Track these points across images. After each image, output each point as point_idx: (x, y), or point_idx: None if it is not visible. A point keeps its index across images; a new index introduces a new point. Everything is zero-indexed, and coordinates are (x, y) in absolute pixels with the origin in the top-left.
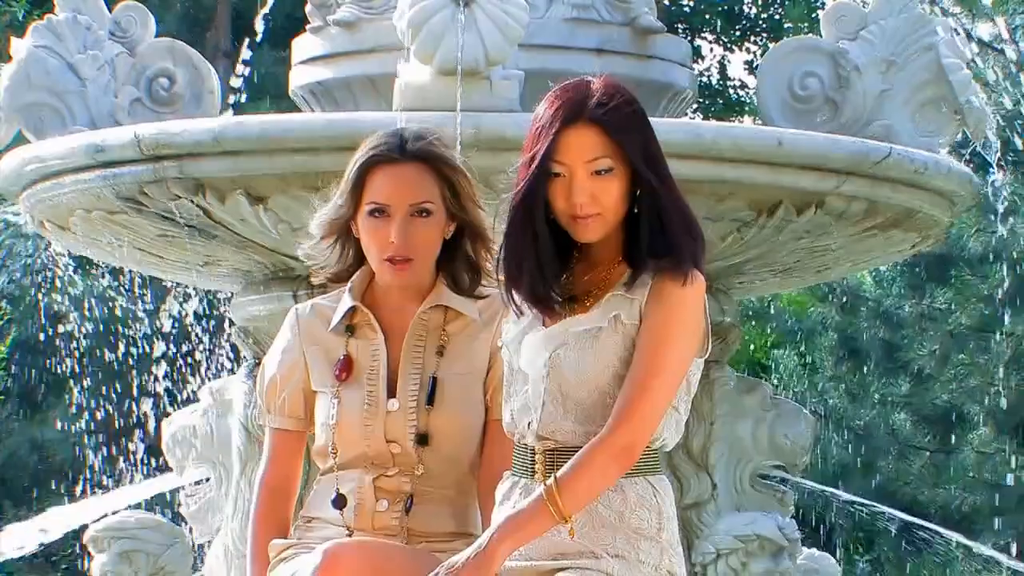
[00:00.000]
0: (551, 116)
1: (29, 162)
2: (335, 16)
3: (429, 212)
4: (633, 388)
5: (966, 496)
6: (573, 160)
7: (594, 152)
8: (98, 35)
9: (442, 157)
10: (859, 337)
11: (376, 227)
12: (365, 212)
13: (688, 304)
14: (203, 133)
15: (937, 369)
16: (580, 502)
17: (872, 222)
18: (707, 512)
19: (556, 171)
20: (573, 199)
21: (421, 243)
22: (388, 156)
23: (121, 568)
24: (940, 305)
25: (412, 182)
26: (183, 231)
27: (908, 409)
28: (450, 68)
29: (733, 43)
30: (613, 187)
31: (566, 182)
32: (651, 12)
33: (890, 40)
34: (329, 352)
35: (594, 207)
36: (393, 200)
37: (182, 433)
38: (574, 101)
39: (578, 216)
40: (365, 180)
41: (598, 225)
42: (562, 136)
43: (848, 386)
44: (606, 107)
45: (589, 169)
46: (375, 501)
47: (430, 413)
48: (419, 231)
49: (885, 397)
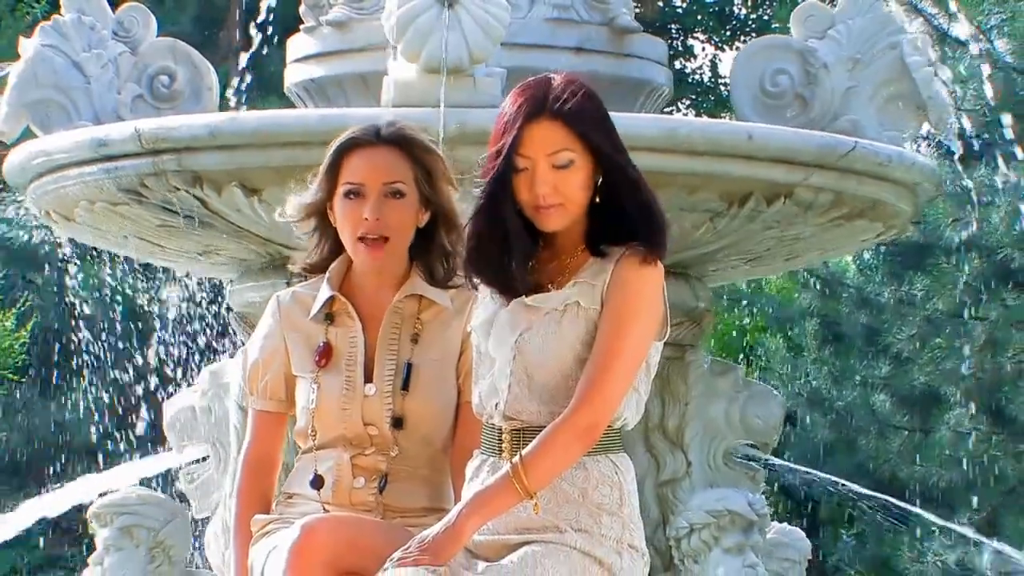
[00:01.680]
0: (515, 112)
1: (35, 155)
2: (327, 16)
3: (402, 193)
4: (595, 370)
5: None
6: (536, 153)
7: (555, 145)
8: (102, 35)
9: (416, 140)
10: (841, 322)
11: (351, 207)
12: (340, 194)
13: (647, 289)
14: (200, 128)
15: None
16: (544, 479)
17: (839, 212)
18: (682, 488)
19: (520, 165)
20: (536, 190)
21: (395, 223)
22: (364, 140)
23: (123, 542)
24: (918, 291)
25: (386, 163)
26: (182, 221)
27: (888, 390)
28: (435, 66)
29: (724, 42)
30: (574, 178)
31: (529, 174)
32: (628, 13)
33: (856, 39)
34: (309, 339)
35: (556, 197)
36: (367, 180)
37: (182, 414)
38: (536, 97)
39: (541, 206)
40: (341, 163)
41: (560, 215)
42: (525, 131)
43: (831, 369)
44: (567, 102)
45: (551, 162)
46: (352, 478)
47: (405, 397)
48: (393, 211)
49: (866, 379)
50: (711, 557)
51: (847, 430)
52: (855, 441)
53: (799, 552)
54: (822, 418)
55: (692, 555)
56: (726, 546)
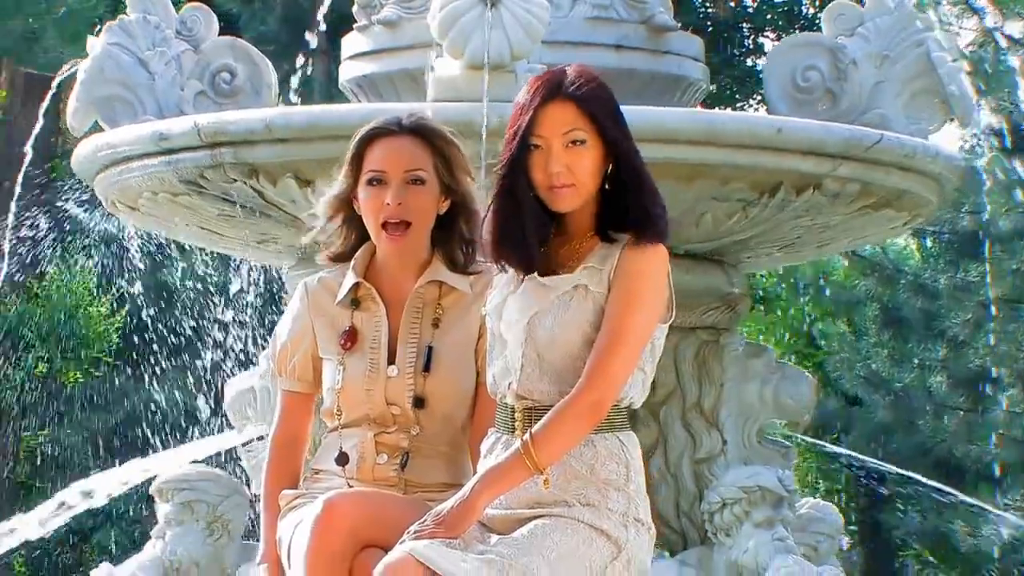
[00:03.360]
0: (530, 96)
1: (101, 148)
2: (379, 16)
3: (423, 180)
4: (601, 351)
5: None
6: (550, 133)
7: (569, 125)
8: (166, 34)
9: (435, 130)
10: (900, 307)
11: (374, 194)
12: (364, 182)
13: (651, 274)
14: (255, 122)
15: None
16: (554, 455)
17: (866, 202)
18: (718, 465)
19: (535, 143)
20: (550, 169)
21: (416, 208)
22: (386, 130)
23: (183, 516)
24: (973, 278)
25: (407, 151)
26: (239, 211)
27: (944, 372)
28: (478, 62)
29: None
30: (587, 159)
31: (544, 154)
32: (666, 11)
33: (884, 36)
34: (335, 323)
35: (569, 177)
36: (389, 167)
37: (242, 395)
38: (551, 83)
39: (555, 186)
40: (364, 153)
41: (573, 195)
42: (540, 112)
43: (890, 352)
44: (580, 87)
45: (564, 140)
46: (375, 455)
47: (426, 379)
48: (414, 197)
49: (924, 361)
50: (742, 530)
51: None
52: (913, 421)
53: (832, 527)
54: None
55: (724, 528)
56: (757, 520)
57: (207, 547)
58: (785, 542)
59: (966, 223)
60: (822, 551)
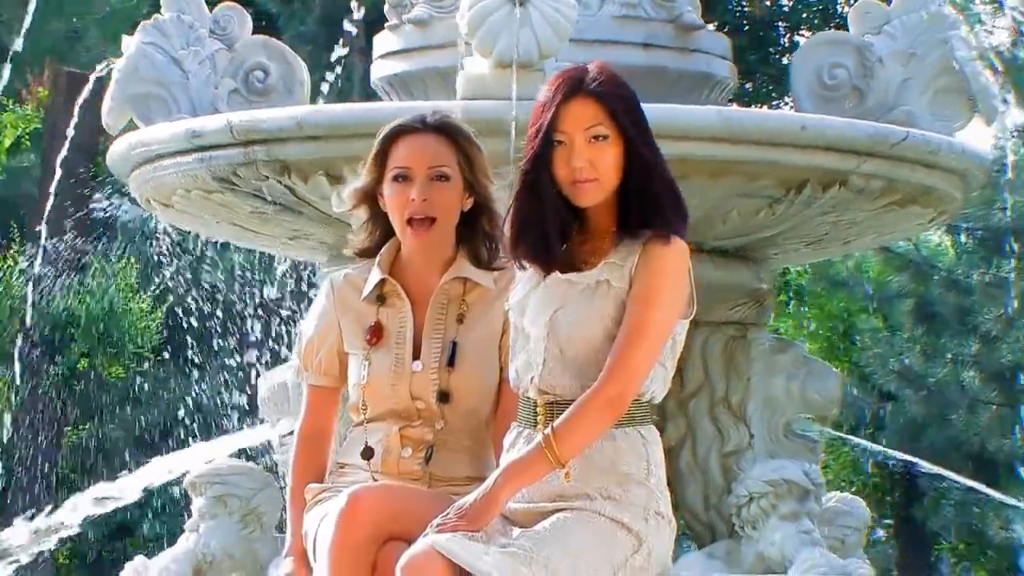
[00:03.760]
0: (552, 93)
1: (135, 146)
2: (409, 15)
3: (447, 177)
4: (622, 345)
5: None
6: (572, 128)
7: (591, 120)
8: (200, 33)
9: (459, 128)
10: (934, 303)
11: (399, 190)
12: (389, 178)
13: (672, 270)
14: (287, 120)
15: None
16: (575, 448)
17: (891, 198)
18: (745, 459)
19: (558, 139)
20: (573, 163)
21: (440, 204)
22: (410, 127)
23: (216, 510)
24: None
25: (431, 148)
26: (271, 208)
27: (977, 367)
28: (507, 61)
29: None
30: (608, 154)
31: (567, 149)
32: (693, 10)
33: (910, 34)
34: (361, 318)
35: (591, 172)
36: (414, 163)
37: (276, 389)
38: (572, 79)
39: (577, 180)
40: (389, 149)
41: (595, 190)
42: (562, 108)
43: (923, 347)
44: (601, 84)
45: (587, 136)
46: (400, 449)
47: (450, 374)
48: (439, 193)
49: (957, 356)
50: (769, 523)
51: (939, 406)
52: (946, 416)
53: (859, 520)
54: (915, 394)
55: (751, 521)
56: (783, 513)
57: (240, 540)
58: (811, 535)
59: (999, 220)
60: (849, 544)
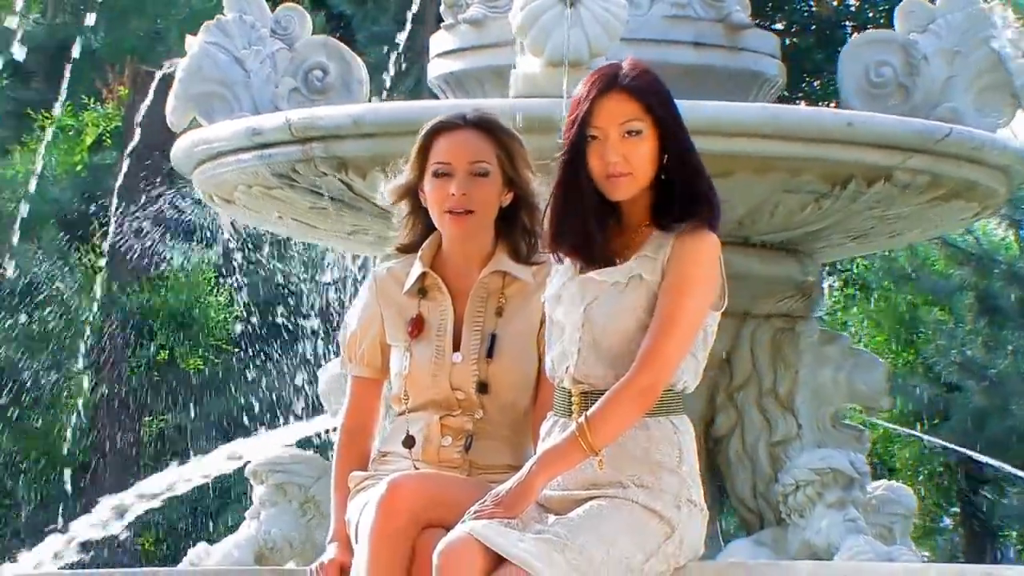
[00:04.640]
0: (587, 89)
1: (198, 144)
2: (465, 15)
3: (487, 172)
4: (654, 335)
5: None
6: (607, 123)
7: (625, 115)
8: (261, 33)
9: (499, 124)
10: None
11: (439, 186)
12: (430, 174)
13: (704, 261)
14: (344, 118)
15: None
16: (608, 437)
17: (935, 193)
18: (793, 448)
19: (592, 134)
20: (607, 158)
21: (480, 199)
22: (451, 123)
23: (276, 497)
24: None
25: (471, 144)
26: (330, 204)
27: None
28: (558, 60)
29: None
30: (643, 149)
31: (601, 144)
32: (742, 9)
33: (955, 33)
34: (403, 311)
35: (626, 167)
36: (454, 159)
37: (334, 380)
38: (608, 75)
39: (612, 174)
40: (430, 145)
41: (629, 184)
42: (597, 103)
43: (985, 339)
44: (636, 79)
45: (621, 131)
46: (441, 438)
47: (489, 365)
48: (478, 188)
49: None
50: (815, 511)
51: (1000, 396)
52: (1007, 407)
53: (906, 508)
54: (977, 385)
55: (798, 510)
56: (829, 501)
57: (300, 527)
58: (856, 523)
59: None
60: (896, 531)
